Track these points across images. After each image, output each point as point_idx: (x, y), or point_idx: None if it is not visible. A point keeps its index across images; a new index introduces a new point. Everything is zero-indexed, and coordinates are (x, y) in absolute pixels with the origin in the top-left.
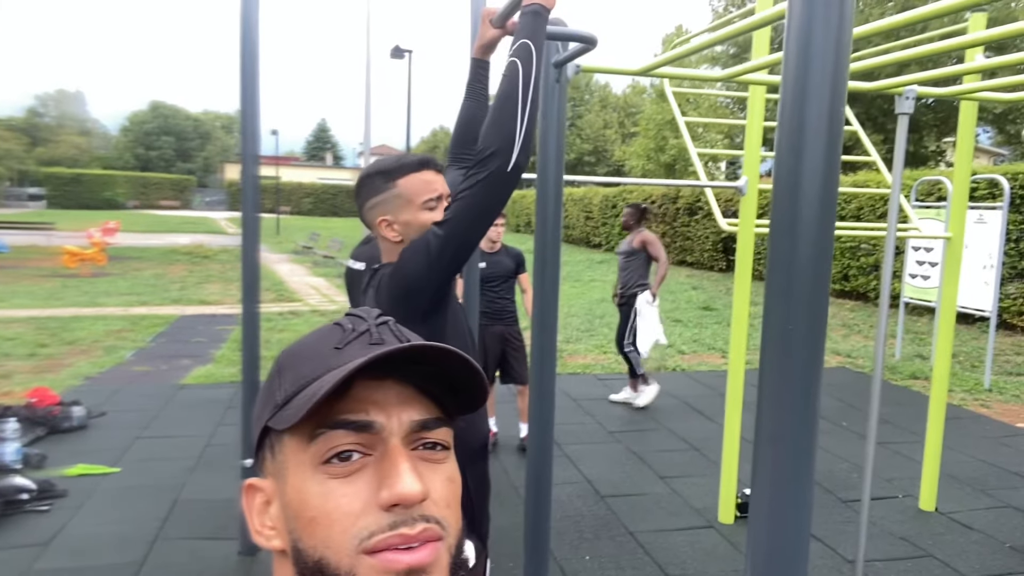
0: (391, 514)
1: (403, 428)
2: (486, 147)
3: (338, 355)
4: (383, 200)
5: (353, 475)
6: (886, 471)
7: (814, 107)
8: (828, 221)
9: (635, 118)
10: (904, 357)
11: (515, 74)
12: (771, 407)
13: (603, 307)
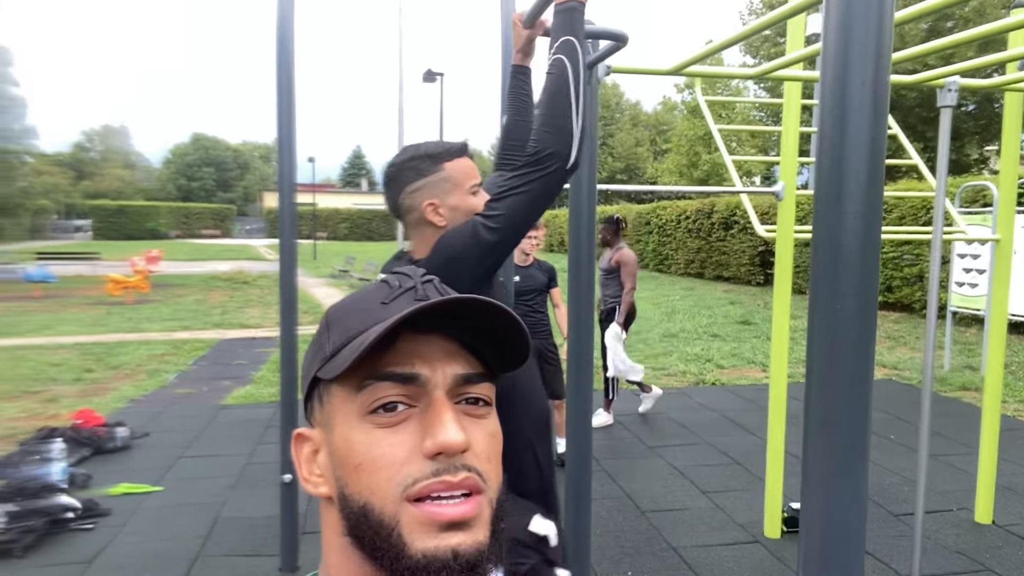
0: (434, 462)
1: (447, 381)
2: (543, 147)
3: (384, 309)
4: (429, 183)
5: (398, 425)
6: (939, 484)
7: (855, 95)
8: (876, 196)
9: (667, 135)
10: (953, 368)
11: (563, 71)
12: (820, 418)
13: (639, 324)
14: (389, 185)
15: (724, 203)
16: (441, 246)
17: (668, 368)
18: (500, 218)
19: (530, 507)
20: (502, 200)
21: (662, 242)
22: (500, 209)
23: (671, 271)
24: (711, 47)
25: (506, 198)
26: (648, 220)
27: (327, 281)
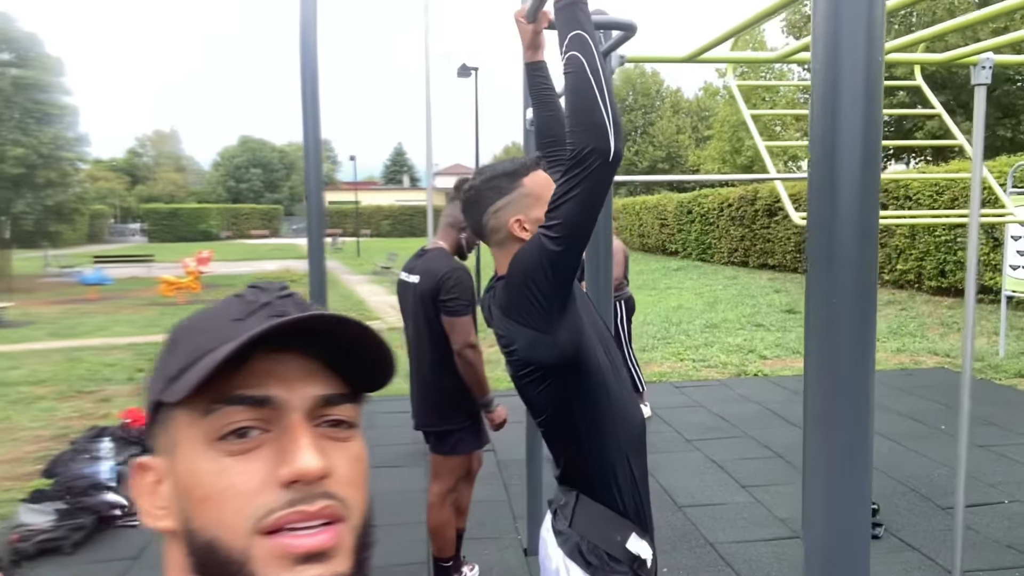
0: (290, 491)
1: (305, 403)
2: (581, 147)
3: (237, 326)
4: (512, 200)
5: (250, 452)
6: (990, 475)
7: (847, 77)
8: (871, 183)
9: (709, 121)
10: (1009, 355)
11: (580, 66)
12: (817, 416)
13: (679, 314)
14: (471, 208)
15: (768, 189)
16: (515, 263)
17: (708, 360)
18: (559, 227)
19: (627, 524)
20: (557, 209)
21: (704, 231)
22: (557, 218)
23: (714, 260)
24: (728, 31)
25: (560, 206)
26: (690, 209)
27: (370, 278)
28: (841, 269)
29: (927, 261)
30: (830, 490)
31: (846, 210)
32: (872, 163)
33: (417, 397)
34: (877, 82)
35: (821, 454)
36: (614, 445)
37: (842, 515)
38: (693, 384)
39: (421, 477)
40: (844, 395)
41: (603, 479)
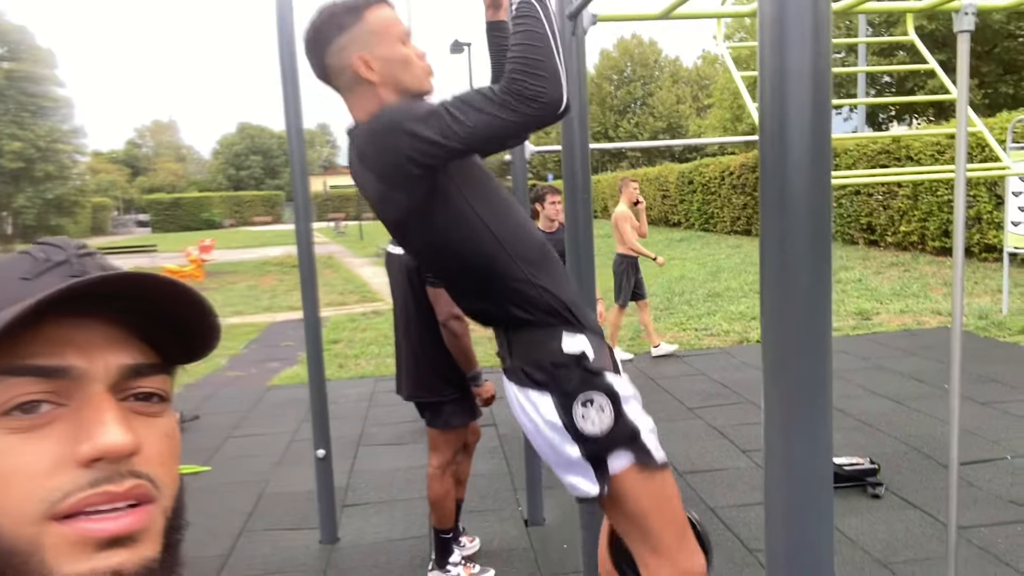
0: (92, 471)
1: (110, 374)
2: (532, 87)
3: (26, 286)
4: (353, 37)
5: (41, 429)
6: (992, 432)
7: (793, 13)
8: (822, 127)
9: (709, 90)
10: (1012, 312)
11: (536, 13)
12: (774, 370)
13: (682, 284)
14: (312, 49)
15: None
16: (392, 119)
17: (711, 328)
18: (467, 130)
19: (555, 330)
20: (473, 114)
21: (706, 200)
22: (470, 123)
23: (717, 229)
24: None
25: (479, 114)
26: (691, 179)
27: (373, 260)
28: (794, 217)
29: (930, 222)
30: (789, 445)
31: (796, 155)
32: (822, 108)
33: (405, 368)
34: (824, 17)
35: (781, 409)
36: (511, 271)
37: (803, 470)
38: (695, 353)
39: (423, 454)
40: (803, 347)
41: (515, 304)
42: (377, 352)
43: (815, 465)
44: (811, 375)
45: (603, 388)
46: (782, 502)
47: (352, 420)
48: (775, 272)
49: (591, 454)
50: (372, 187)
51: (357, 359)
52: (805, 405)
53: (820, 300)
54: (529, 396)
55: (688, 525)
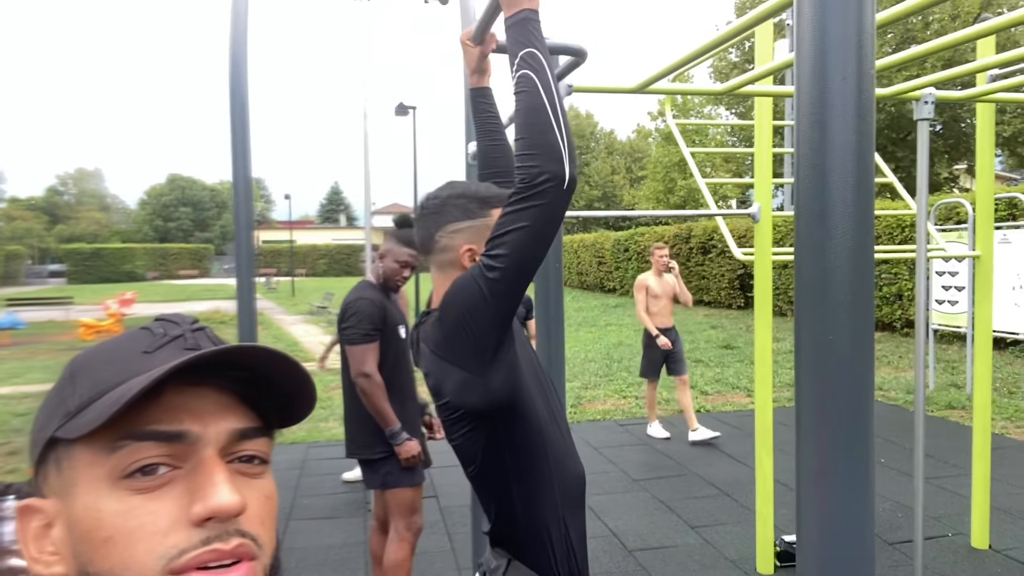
0: (203, 529)
1: (220, 438)
2: (533, 171)
3: (147, 359)
4: (474, 227)
5: (159, 490)
6: (932, 508)
7: (836, 90)
8: (866, 207)
9: (642, 162)
10: (938, 387)
11: (533, 86)
12: (814, 434)
13: (620, 351)
14: (428, 218)
15: (701, 227)
16: (450, 296)
17: None
18: (505, 258)
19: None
20: (503, 238)
21: (641, 269)
22: (503, 248)
23: None
24: (675, 62)
25: (507, 234)
26: (627, 247)
27: (305, 318)
28: (837, 303)
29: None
30: (828, 515)
31: (839, 239)
32: (866, 186)
33: (345, 424)
34: (869, 95)
35: (821, 513)
36: (550, 503)
37: (843, 546)
38: (636, 422)
39: (362, 528)
40: (842, 446)
41: (536, 541)
42: (310, 416)
43: (857, 526)
44: (853, 479)
45: None
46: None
47: (282, 490)
48: (815, 368)
49: None
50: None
51: None
52: (845, 515)
53: (862, 399)
54: None
55: None
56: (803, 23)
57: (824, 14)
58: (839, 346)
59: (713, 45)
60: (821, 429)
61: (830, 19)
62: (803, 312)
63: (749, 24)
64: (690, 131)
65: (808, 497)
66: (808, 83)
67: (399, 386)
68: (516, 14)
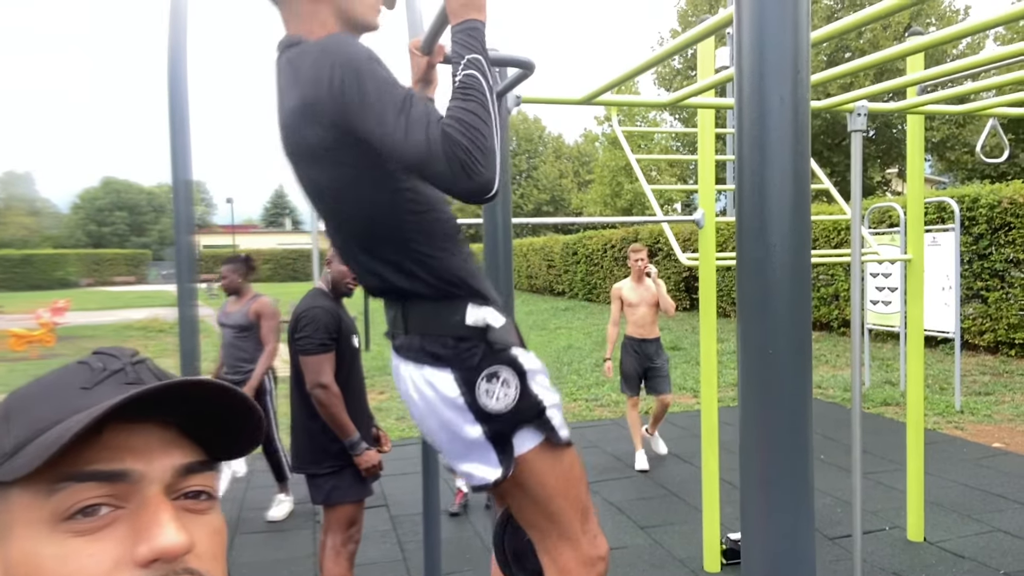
0: (150, 571)
1: (165, 476)
2: (472, 167)
3: (86, 395)
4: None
5: (101, 531)
6: (869, 503)
7: (774, 112)
8: (803, 223)
9: (589, 166)
10: (874, 384)
11: (479, 87)
12: (756, 442)
13: (570, 354)
14: None
15: (648, 231)
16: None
17: (600, 399)
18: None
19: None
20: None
21: (590, 271)
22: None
23: (600, 300)
24: (620, 76)
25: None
26: (575, 250)
27: None
28: (776, 315)
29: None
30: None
31: (778, 255)
32: (802, 203)
33: (292, 439)
34: (805, 116)
35: (764, 518)
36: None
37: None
38: (587, 424)
39: (309, 541)
40: (783, 448)
41: (416, 273)
42: None
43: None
44: (794, 484)
45: (508, 362)
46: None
47: (227, 503)
48: (756, 377)
49: (494, 433)
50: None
51: None
52: (787, 519)
53: (801, 405)
54: (425, 374)
55: (591, 508)
56: (743, 44)
57: (762, 37)
58: (780, 356)
59: (657, 60)
60: (762, 433)
61: (768, 42)
62: (745, 323)
63: (692, 40)
64: (636, 137)
65: (751, 497)
66: (748, 104)
67: (354, 396)
68: (464, 23)
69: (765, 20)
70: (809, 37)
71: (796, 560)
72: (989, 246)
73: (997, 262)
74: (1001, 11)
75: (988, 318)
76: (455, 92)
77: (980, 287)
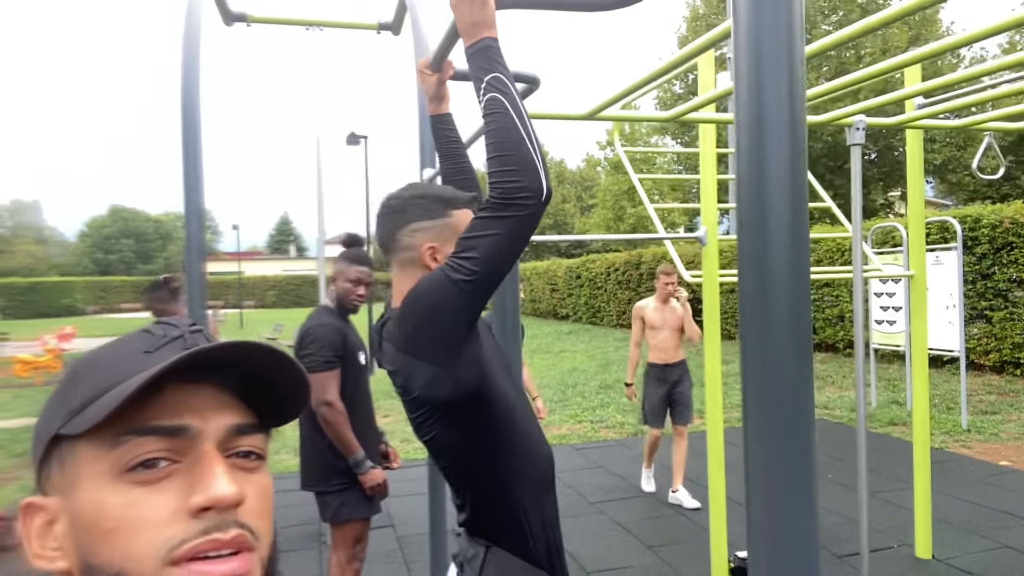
0: (202, 520)
1: (219, 433)
2: (510, 186)
3: (148, 359)
4: (436, 227)
5: (161, 483)
6: (877, 521)
7: (773, 126)
8: (800, 223)
9: (592, 191)
10: (880, 404)
11: (503, 107)
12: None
13: (575, 376)
14: (389, 217)
15: (651, 253)
16: (415, 295)
17: (606, 420)
18: (476, 261)
19: (540, 573)
20: (474, 242)
21: (593, 295)
22: (475, 253)
23: (604, 323)
24: (622, 90)
25: (479, 240)
26: (579, 274)
27: None
28: (776, 315)
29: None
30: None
31: (776, 256)
32: (800, 206)
33: (300, 455)
34: (801, 114)
35: (767, 508)
36: (523, 485)
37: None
38: (593, 445)
39: (314, 563)
40: (789, 443)
41: (514, 524)
42: None
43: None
44: (797, 472)
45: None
46: None
47: None
48: (758, 375)
49: None
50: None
51: None
52: (790, 508)
53: (803, 401)
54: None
55: None
56: (739, 52)
57: (759, 44)
58: (780, 359)
59: (659, 73)
60: (767, 451)
61: (764, 48)
62: (746, 323)
63: (692, 54)
64: (638, 160)
65: (757, 515)
66: (746, 106)
67: (360, 414)
68: (477, 43)
69: (761, 31)
70: (804, 46)
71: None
72: (992, 266)
73: (1000, 282)
74: (998, 20)
75: (993, 338)
76: (484, 120)
77: (984, 307)
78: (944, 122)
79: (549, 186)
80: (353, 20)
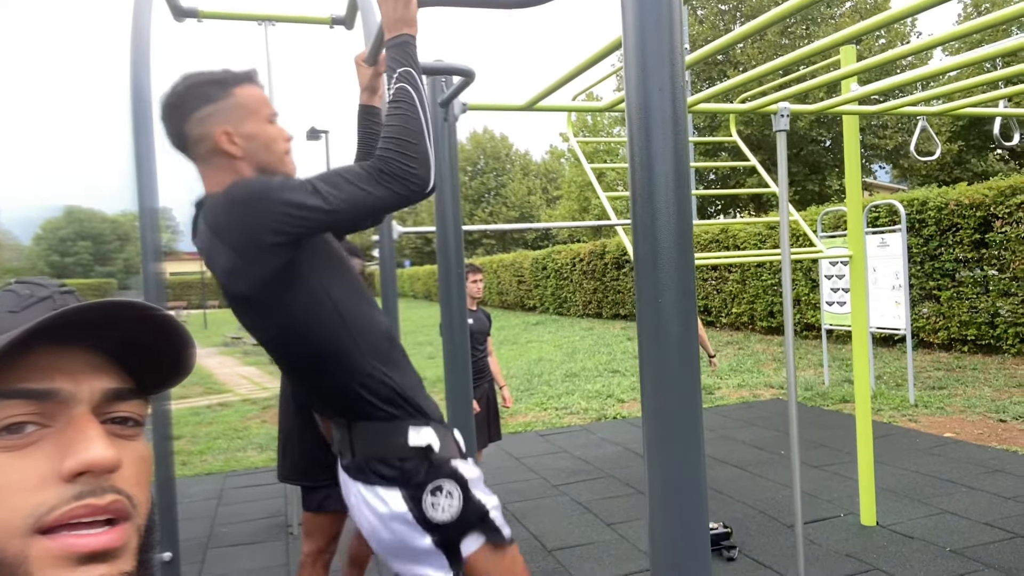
0: (76, 485)
1: (93, 397)
2: (403, 166)
3: (13, 318)
4: (220, 109)
5: (28, 447)
6: (826, 492)
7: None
8: (683, 192)
9: (557, 182)
10: (833, 383)
11: (411, 98)
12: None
13: (540, 366)
14: (171, 115)
15: (615, 244)
16: (254, 191)
17: (570, 407)
18: (340, 201)
19: (400, 424)
20: (347, 186)
21: (560, 285)
22: (342, 194)
23: (570, 313)
24: (554, 82)
25: (352, 186)
26: (545, 265)
27: (219, 350)
28: (665, 272)
29: (757, 303)
30: (670, 482)
31: (663, 218)
32: (682, 176)
33: (281, 448)
34: (681, 103)
35: (661, 442)
36: (357, 361)
37: (683, 497)
38: (557, 431)
39: (282, 552)
40: (678, 386)
41: (359, 397)
42: (225, 447)
43: (691, 497)
44: (685, 413)
45: (450, 474)
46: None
47: (199, 520)
48: (650, 324)
49: (443, 541)
50: (223, 259)
51: (203, 455)
52: (680, 443)
53: (688, 347)
54: (377, 493)
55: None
56: (628, 51)
57: (643, 43)
58: (670, 318)
59: (579, 71)
60: (658, 395)
61: (648, 48)
62: (641, 281)
63: (595, 59)
64: (601, 151)
65: (652, 455)
66: (635, 95)
67: None
68: (396, 37)
69: (646, 32)
70: (684, 42)
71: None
72: (939, 247)
73: (947, 262)
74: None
75: (941, 316)
76: (389, 106)
77: (932, 287)
78: (867, 108)
79: (433, 182)
80: (306, 15)
